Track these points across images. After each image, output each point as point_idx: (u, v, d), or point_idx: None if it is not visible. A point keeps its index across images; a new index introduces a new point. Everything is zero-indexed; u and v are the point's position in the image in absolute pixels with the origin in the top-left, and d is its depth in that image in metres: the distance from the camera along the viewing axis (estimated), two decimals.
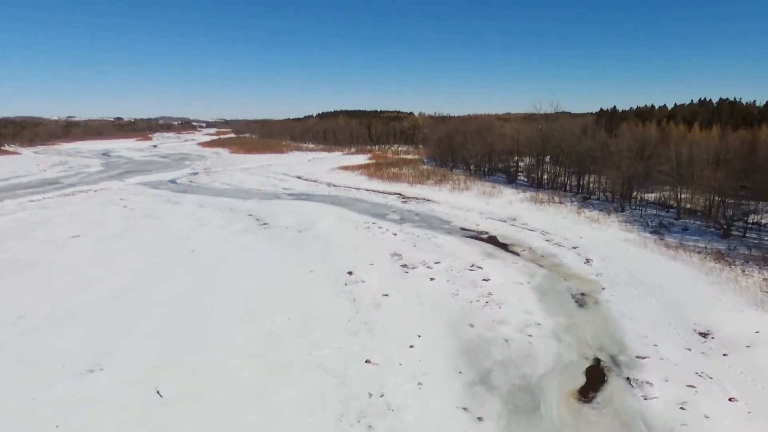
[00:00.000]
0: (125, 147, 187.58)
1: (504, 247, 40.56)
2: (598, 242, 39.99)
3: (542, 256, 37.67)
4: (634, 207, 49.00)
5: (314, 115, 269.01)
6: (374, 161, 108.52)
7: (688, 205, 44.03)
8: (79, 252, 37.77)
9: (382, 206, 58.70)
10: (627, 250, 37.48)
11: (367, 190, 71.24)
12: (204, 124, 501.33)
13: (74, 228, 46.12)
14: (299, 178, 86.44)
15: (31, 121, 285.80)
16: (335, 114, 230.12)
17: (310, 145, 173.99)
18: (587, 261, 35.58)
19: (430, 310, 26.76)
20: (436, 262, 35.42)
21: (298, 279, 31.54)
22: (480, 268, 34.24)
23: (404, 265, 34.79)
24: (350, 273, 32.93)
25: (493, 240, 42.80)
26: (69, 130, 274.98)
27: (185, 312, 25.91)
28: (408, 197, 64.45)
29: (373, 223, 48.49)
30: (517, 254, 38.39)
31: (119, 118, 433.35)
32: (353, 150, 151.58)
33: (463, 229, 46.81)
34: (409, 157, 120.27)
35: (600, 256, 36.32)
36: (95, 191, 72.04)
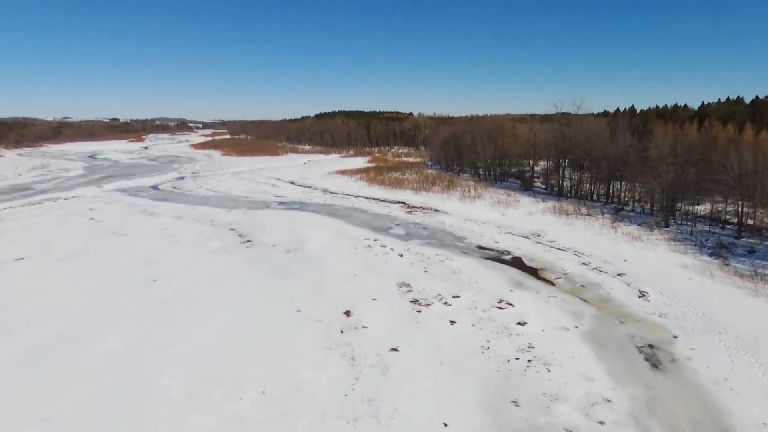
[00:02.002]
0: (114, 149, 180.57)
1: (533, 272, 33.65)
2: (648, 268, 33.10)
3: (583, 286, 30.76)
4: (680, 222, 42.14)
5: (312, 115, 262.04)
6: (374, 164, 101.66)
7: (749, 221, 37.23)
8: (13, 283, 30.69)
9: (385, 217, 51.79)
10: (689, 279, 30.57)
11: (367, 197, 64.30)
12: (200, 125, 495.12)
13: (23, 248, 39.05)
14: (292, 183, 79.41)
15: (21, 122, 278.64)
16: (332, 114, 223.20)
17: (307, 147, 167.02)
18: (642, 295, 28.65)
19: (456, 376, 19.79)
20: (454, 296, 28.46)
21: (281, 324, 24.52)
22: (510, 304, 27.30)
23: (415, 301, 27.82)
24: (348, 313, 25.96)
25: (518, 263, 35.89)
26: (60, 131, 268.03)
27: (119, 382, 18.86)
28: (413, 207, 57.54)
29: (375, 240, 41.57)
30: (552, 283, 31.48)
31: (115, 119, 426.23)
32: (351, 152, 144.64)
33: (480, 247, 39.89)
34: (411, 159, 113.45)
35: (656, 288, 29.42)
36: (65, 199, 64.91)
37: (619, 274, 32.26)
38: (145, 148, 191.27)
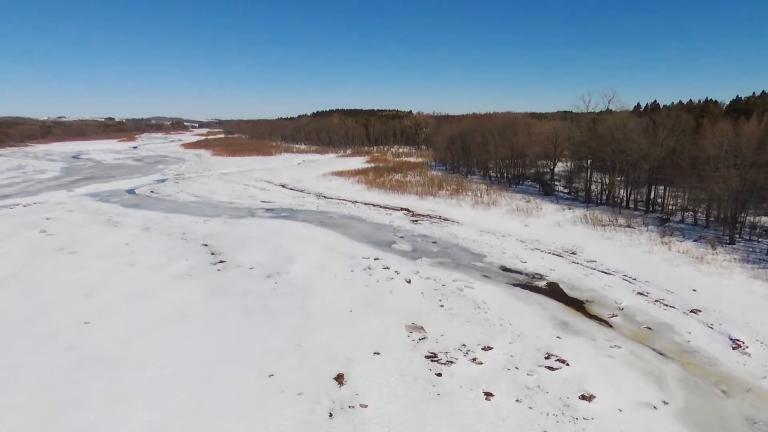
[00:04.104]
0: (102, 149, 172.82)
1: (579, 306, 26.35)
2: (729, 301, 25.76)
3: (649, 328, 23.45)
4: (747, 237, 34.85)
5: (309, 114, 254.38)
6: (373, 165, 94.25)
7: None
8: None
9: (387, 228, 44.45)
10: None
11: (366, 203, 56.91)
12: (196, 125, 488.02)
13: None
14: (283, 186, 71.92)
15: (8, 121, 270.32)
16: (330, 113, 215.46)
17: (302, 146, 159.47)
18: (736, 344, 21.35)
19: None
20: (484, 348, 21.15)
21: (244, 401, 17.12)
22: (563, 361, 19.98)
23: (433, 356, 20.48)
24: (340, 379, 18.60)
25: (556, 292, 28.59)
26: (49, 130, 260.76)
27: None
28: (419, 215, 50.18)
29: (376, 259, 34.25)
30: (607, 323, 24.18)
31: (111, 118, 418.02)
32: (349, 152, 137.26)
33: (504, 269, 32.59)
34: (413, 160, 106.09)
35: (752, 334, 22.13)
36: (24, 206, 57.35)
37: (692, 311, 24.94)
38: (135, 147, 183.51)
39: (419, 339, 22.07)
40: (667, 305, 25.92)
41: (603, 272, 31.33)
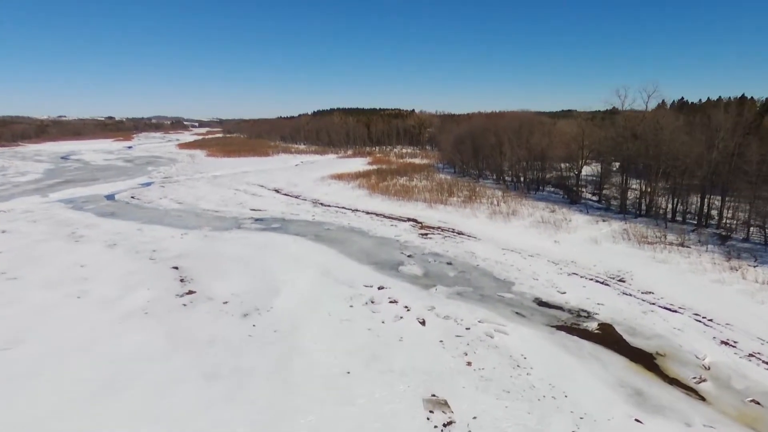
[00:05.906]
0: (95, 148, 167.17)
1: (648, 362, 20.02)
2: None
3: (756, 402, 17.14)
4: None
5: (309, 113, 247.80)
6: (375, 167, 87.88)
7: None
8: None
9: (392, 244, 38.19)
10: None
11: (368, 212, 50.63)
12: (196, 124, 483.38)
13: None
14: (277, 191, 65.64)
15: (4, 121, 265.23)
16: (330, 112, 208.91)
17: (301, 146, 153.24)
18: None
19: None
20: None
21: None
22: None
23: None
24: None
25: (612, 337, 22.26)
26: (44, 129, 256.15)
27: None
28: (428, 227, 43.87)
29: (380, 289, 27.95)
30: (696, 393, 17.82)
31: (111, 118, 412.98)
32: (350, 152, 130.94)
33: (540, 303, 26.25)
34: (417, 161, 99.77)
35: None
36: None
37: None
38: (129, 147, 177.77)
39: (443, 425, 15.75)
40: (764, 362, 19.57)
41: (666, 309, 24.96)
